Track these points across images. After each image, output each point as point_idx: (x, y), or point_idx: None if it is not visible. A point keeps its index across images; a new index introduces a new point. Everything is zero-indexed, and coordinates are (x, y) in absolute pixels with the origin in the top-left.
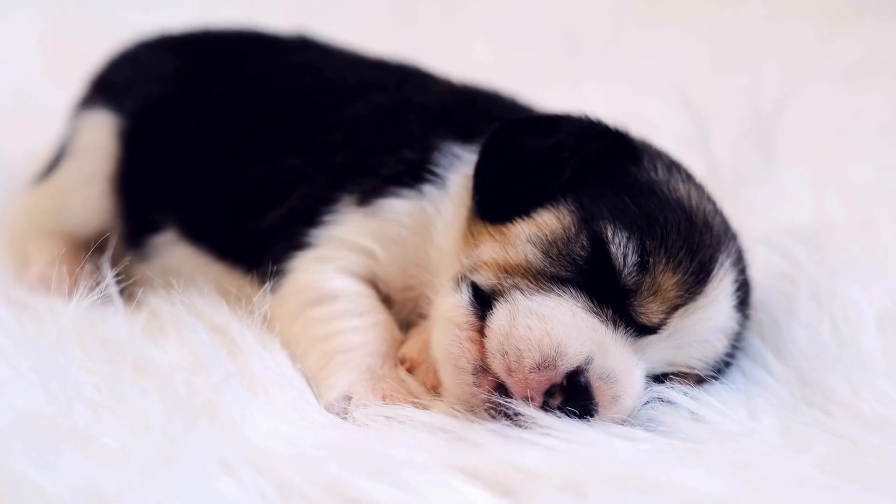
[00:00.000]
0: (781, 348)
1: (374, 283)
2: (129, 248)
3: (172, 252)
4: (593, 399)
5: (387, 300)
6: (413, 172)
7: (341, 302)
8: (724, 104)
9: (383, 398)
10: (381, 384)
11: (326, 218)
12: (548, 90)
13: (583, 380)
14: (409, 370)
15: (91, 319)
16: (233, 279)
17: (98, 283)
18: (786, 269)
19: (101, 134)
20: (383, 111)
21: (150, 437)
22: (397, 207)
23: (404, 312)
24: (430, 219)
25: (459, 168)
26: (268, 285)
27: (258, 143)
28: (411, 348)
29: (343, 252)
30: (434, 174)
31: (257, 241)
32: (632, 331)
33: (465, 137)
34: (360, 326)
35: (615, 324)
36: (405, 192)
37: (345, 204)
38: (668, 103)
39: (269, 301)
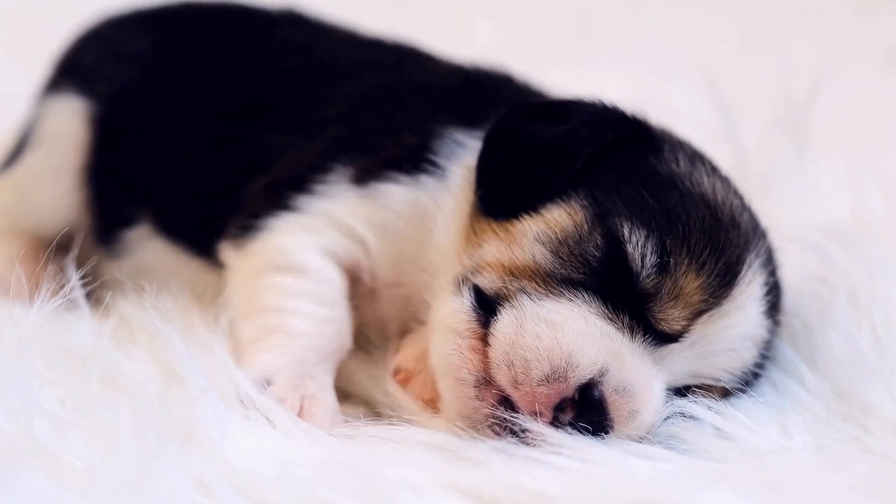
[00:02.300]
0: (816, 358)
1: (355, 276)
2: (100, 244)
3: (146, 248)
4: (608, 414)
5: (373, 294)
6: (413, 160)
7: (307, 281)
8: (753, 88)
9: (301, 399)
10: (306, 383)
11: (317, 187)
12: (558, 73)
13: (596, 393)
14: (404, 382)
15: (54, 327)
16: (211, 277)
17: (62, 287)
18: (821, 271)
19: (69, 121)
20: (380, 92)
21: (119, 456)
22: (395, 195)
23: (391, 310)
24: (428, 213)
25: (462, 158)
26: (234, 235)
27: (241, 130)
28: (407, 358)
29: (331, 230)
30: (433, 164)
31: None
32: (650, 339)
33: (469, 123)
34: (315, 315)
35: (632, 331)
36: (404, 179)
37: (338, 177)
38: (690, 87)
39: (230, 253)
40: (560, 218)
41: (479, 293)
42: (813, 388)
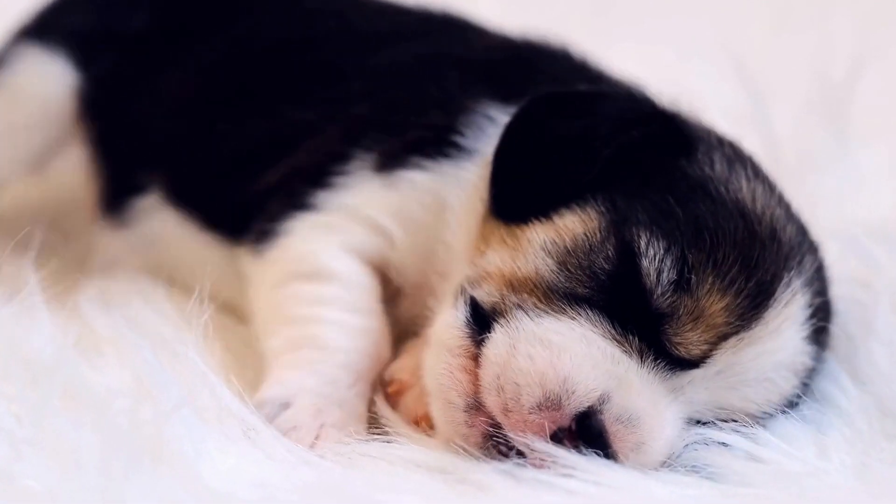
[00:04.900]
0: (857, 370)
1: (384, 273)
2: (107, 212)
3: (154, 218)
4: (610, 446)
5: (397, 293)
6: (438, 142)
7: (336, 286)
8: (786, 70)
9: (320, 428)
10: (332, 410)
11: (337, 179)
12: None
13: (595, 423)
14: (397, 394)
15: (11, 334)
16: (219, 253)
17: (20, 289)
18: (862, 273)
19: (48, 85)
20: (415, 62)
21: (83, 478)
22: (420, 183)
23: (415, 310)
24: (449, 204)
25: (493, 137)
26: (252, 242)
27: (264, 95)
28: (402, 368)
29: (353, 225)
30: (457, 146)
31: (251, 206)
32: (664, 364)
33: (506, 98)
34: (348, 326)
35: (642, 355)
36: (429, 164)
37: (360, 165)
38: (717, 69)
39: (250, 261)
40: (572, 225)
41: (475, 306)
42: (854, 404)
